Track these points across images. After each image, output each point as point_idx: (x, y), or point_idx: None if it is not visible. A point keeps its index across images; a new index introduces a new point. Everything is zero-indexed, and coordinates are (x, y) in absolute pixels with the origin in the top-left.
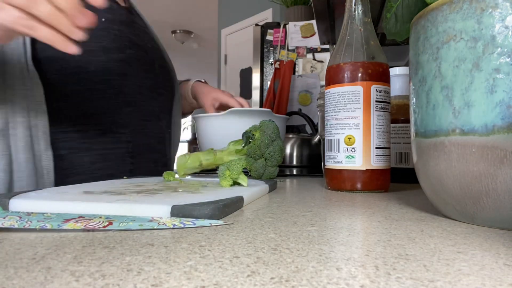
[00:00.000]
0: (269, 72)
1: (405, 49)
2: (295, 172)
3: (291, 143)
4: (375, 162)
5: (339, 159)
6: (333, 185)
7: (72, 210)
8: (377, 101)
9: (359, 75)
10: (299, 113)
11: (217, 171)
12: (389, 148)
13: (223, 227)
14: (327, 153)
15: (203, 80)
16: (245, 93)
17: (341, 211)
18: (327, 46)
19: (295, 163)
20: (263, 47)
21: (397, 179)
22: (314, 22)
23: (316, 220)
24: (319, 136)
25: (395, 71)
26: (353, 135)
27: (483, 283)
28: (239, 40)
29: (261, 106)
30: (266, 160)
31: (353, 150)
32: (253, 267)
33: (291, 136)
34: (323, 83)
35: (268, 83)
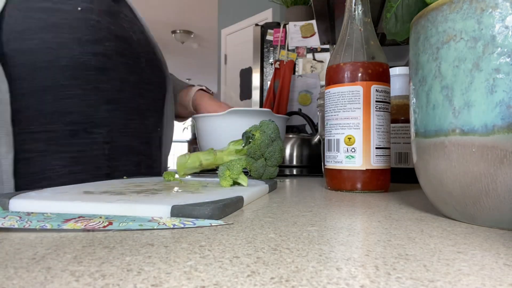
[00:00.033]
0: (269, 72)
1: (405, 49)
2: (295, 172)
3: (291, 143)
4: (375, 162)
5: (339, 159)
6: (333, 185)
7: (72, 210)
8: (377, 101)
9: (359, 75)
10: (299, 113)
11: (217, 171)
12: (389, 148)
13: (223, 227)
14: (327, 153)
15: (204, 87)
16: (245, 93)
17: (341, 211)
18: (327, 46)
19: (295, 163)
20: (263, 47)
21: (397, 179)
22: (314, 22)
23: (316, 220)
24: (319, 136)
25: (395, 71)
26: (353, 135)
27: (483, 283)
28: (239, 40)
29: (261, 106)
30: (266, 160)
31: (353, 150)
32: (253, 267)
33: (291, 136)
34: (323, 83)
35: (268, 83)
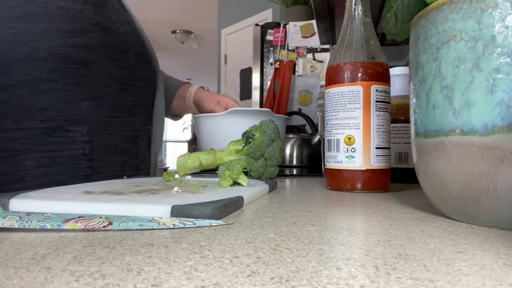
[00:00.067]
0: (269, 72)
1: (405, 49)
2: (295, 172)
3: (291, 143)
4: (375, 162)
5: (339, 159)
6: (333, 185)
7: (72, 210)
8: (377, 101)
9: (359, 75)
10: (299, 113)
11: (217, 171)
12: (389, 148)
13: (223, 227)
14: (327, 153)
15: (206, 87)
16: (245, 93)
17: (341, 211)
18: (327, 46)
19: (295, 163)
20: (263, 47)
21: (397, 179)
22: (314, 22)
23: (316, 220)
24: (319, 136)
25: (395, 71)
26: (353, 135)
27: (483, 283)
28: (239, 40)
29: (261, 106)
30: (266, 160)
31: (353, 150)
32: (253, 267)
33: (291, 136)
34: (323, 83)
35: (268, 83)
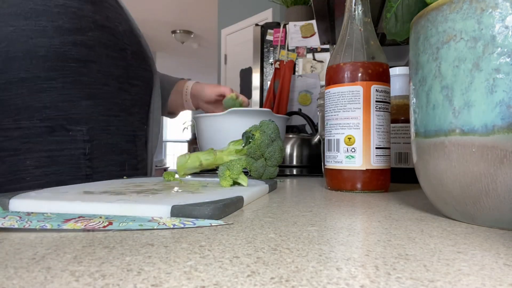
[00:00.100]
0: (269, 72)
1: (405, 49)
2: (295, 172)
3: (291, 143)
4: (375, 162)
5: (339, 159)
6: (333, 185)
7: (72, 210)
8: (377, 101)
9: (359, 75)
10: (299, 113)
11: (217, 171)
12: (389, 148)
13: (223, 227)
14: (327, 153)
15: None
16: (245, 93)
17: (341, 211)
18: (327, 46)
19: (295, 163)
20: (263, 47)
21: (397, 179)
22: (314, 22)
23: (316, 220)
24: (319, 136)
25: (395, 71)
26: (353, 135)
27: (483, 283)
28: (239, 40)
29: (261, 106)
30: (266, 160)
31: (353, 150)
32: (253, 267)
33: (291, 136)
34: (323, 83)
35: (268, 83)
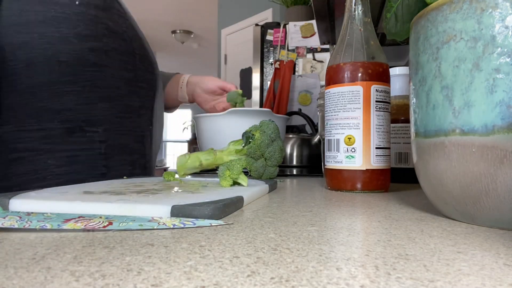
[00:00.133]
0: (269, 72)
1: (405, 49)
2: (295, 172)
3: (291, 143)
4: (375, 162)
5: (339, 159)
6: (333, 185)
7: (72, 210)
8: (377, 101)
9: (359, 75)
10: (299, 113)
11: (217, 171)
12: (389, 148)
13: (223, 227)
14: (327, 153)
15: None
16: (245, 93)
17: (341, 211)
18: (327, 46)
19: (295, 163)
20: (263, 47)
21: (397, 179)
22: (314, 22)
23: (316, 220)
24: (319, 136)
25: (395, 71)
26: (353, 135)
27: (483, 283)
28: (239, 40)
29: (261, 106)
30: (266, 160)
31: (353, 150)
32: (253, 267)
33: (291, 136)
34: (323, 83)
35: (268, 83)
